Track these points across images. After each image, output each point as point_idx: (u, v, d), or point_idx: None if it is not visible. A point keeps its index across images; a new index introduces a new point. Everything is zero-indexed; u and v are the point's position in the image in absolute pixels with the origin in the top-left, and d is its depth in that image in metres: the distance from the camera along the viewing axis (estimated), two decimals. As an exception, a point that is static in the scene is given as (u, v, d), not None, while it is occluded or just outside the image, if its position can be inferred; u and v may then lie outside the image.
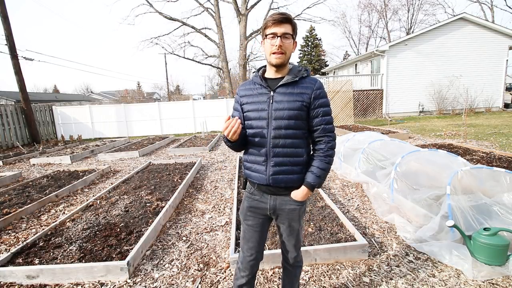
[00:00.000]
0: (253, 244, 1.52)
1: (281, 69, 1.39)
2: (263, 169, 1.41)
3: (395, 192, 3.33)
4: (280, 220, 1.49)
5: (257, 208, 1.49)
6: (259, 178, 1.43)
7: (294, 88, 1.37)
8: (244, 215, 1.54)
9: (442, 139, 7.83)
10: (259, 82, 1.42)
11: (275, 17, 1.30)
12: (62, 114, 13.17)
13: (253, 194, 1.50)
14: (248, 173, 1.49)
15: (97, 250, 2.58)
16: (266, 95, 1.39)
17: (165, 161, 6.41)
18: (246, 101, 1.45)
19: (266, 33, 1.34)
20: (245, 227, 1.55)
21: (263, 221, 1.52)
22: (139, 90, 46.66)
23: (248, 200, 1.52)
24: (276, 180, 1.39)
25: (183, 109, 13.37)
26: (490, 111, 14.58)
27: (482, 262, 2.16)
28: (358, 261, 2.39)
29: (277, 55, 1.32)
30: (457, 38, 14.10)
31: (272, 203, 1.45)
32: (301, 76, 1.39)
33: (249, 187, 1.53)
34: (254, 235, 1.52)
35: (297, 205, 1.45)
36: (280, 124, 1.36)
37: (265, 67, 1.48)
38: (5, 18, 10.28)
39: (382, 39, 34.30)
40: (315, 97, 1.38)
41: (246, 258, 1.54)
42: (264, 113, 1.38)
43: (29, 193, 4.60)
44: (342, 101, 12.43)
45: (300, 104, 1.36)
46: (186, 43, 17.30)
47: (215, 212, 3.64)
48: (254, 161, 1.44)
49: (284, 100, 1.36)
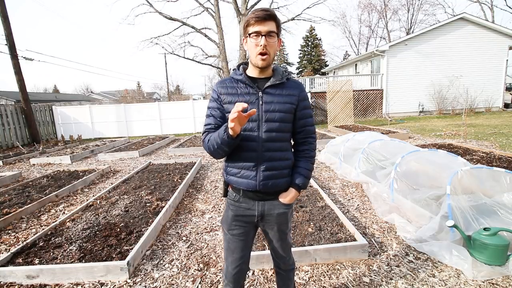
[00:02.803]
0: (238, 255, 1.43)
1: (267, 68, 1.33)
2: (252, 174, 1.31)
3: (395, 192, 3.33)
4: (269, 225, 1.42)
5: (243, 216, 1.39)
6: (247, 184, 1.32)
7: (282, 89, 1.33)
8: (228, 225, 1.42)
9: (442, 139, 7.83)
10: (244, 80, 1.31)
11: (258, 14, 1.19)
12: (62, 114, 13.17)
13: (239, 201, 1.39)
14: (232, 179, 1.36)
15: (97, 250, 2.58)
16: (254, 95, 1.30)
17: (165, 161, 6.41)
18: (229, 100, 1.31)
19: (248, 32, 1.23)
20: (229, 237, 1.43)
21: (249, 230, 1.43)
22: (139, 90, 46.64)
23: (233, 208, 1.40)
24: (267, 185, 1.31)
25: (183, 109, 13.37)
26: (490, 111, 14.58)
27: (482, 262, 2.16)
28: (358, 261, 2.39)
29: (263, 56, 1.23)
30: (457, 38, 14.11)
31: (261, 209, 1.37)
32: (286, 78, 1.35)
33: (233, 194, 1.40)
34: (239, 245, 1.42)
35: (286, 208, 1.40)
36: (272, 127, 1.29)
37: (244, 64, 1.39)
38: (5, 18, 10.28)
39: (382, 39, 34.33)
40: (301, 99, 1.36)
41: (231, 271, 1.45)
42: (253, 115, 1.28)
43: (29, 193, 4.59)
44: (342, 101, 12.43)
45: (289, 106, 1.32)
46: (186, 43, 17.31)
47: (215, 212, 3.64)
48: (242, 166, 1.32)
49: (275, 102, 1.30)
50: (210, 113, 1.36)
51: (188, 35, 17.57)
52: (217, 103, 1.34)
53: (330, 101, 12.48)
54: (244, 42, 1.31)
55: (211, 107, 1.36)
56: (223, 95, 1.33)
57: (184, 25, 16.71)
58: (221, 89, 1.33)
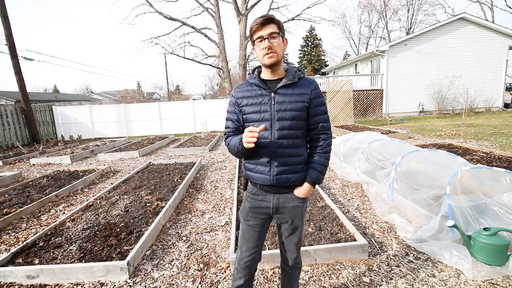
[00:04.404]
0: (252, 244, 1.53)
1: (276, 69, 1.41)
2: (266, 170, 1.42)
3: (395, 192, 3.33)
4: (283, 218, 1.50)
5: (259, 208, 1.50)
6: (262, 179, 1.44)
7: (294, 89, 1.40)
8: (245, 215, 1.55)
9: (442, 139, 7.83)
10: (257, 83, 1.42)
11: (257, 21, 1.32)
12: (62, 114, 13.17)
13: (256, 194, 1.50)
14: (250, 174, 1.49)
15: (97, 250, 2.58)
16: (267, 97, 1.40)
17: (165, 161, 6.41)
18: (245, 103, 1.44)
19: (254, 39, 1.36)
20: (245, 227, 1.55)
21: (264, 222, 1.53)
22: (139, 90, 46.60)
23: (251, 200, 1.52)
24: (280, 180, 1.41)
25: (183, 109, 13.36)
26: (490, 111, 14.58)
27: (482, 262, 2.16)
28: (358, 261, 2.39)
29: (269, 54, 1.33)
30: (457, 38, 14.10)
31: (276, 201, 1.46)
32: (298, 77, 1.42)
33: (251, 188, 1.53)
34: (254, 235, 1.52)
35: (300, 202, 1.47)
36: (283, 125, 1.38)
37: (260, 68, 1.50)
38: (5, 18, 10.28)
39: (382, 39, 34.31)
40: (313, 96, 1.41)
41: (244, 258, 1.54)
42: (266, 115, 1.39)
43: (29, 193, 4.59)
44: (342, 101, 12.44)
45: (301, 104, 1.39)
46: (186, 43, 17.27)
47: (215, 212, 3.64)
48: (257, 162, 1.44)
49: (286, 101, 1.38)
50: (229, 117, 1.51)
51: (188, 35, 17.56)
52: (235, 107, 1.48)
53: (330, 101, 12.49)
54: (253, 51, 1.42)
55: (230, 112, 1.51)
56: (240, 99, 1.46)
57: (184, 25, 16.69)
58: (237, 93, 1.48)
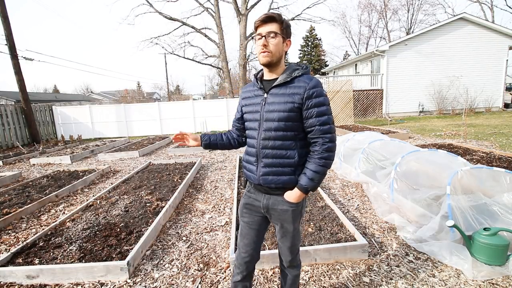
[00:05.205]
0: (248, 241, 1.53)
1: (274, 69, 1.39)
2: (254, 168, 1.45)
3: (395, 192, 3.33)
4: (273, 220, 1.50)
5: (252, 205, 1.52)
6: (251, 177, 1.48)
7: (286, 88, 1.34)
8: (240, 212, 1.58)
9: (442, 139, 7.83)
10: (256, 83, 1.46)
11: (260, 18, 1.33)
12: (62, 114, 13.16)
13: (250, 192, 1.54)
14: (244, 171, 1.56)
15: (97, 250, 2.58)
16: (260, 97, 1.42)
17: (165, 161, 6.41)
18: (245, 103, 1.51)
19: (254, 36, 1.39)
20: (241, 224, 1.58)
21: (260, 220, 1.53)
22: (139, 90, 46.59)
23: (245, 197, 1.56)
24: (266, 180, 1.41)
25: (183, 109, 13.36)
26: (490, 111, 14.58)
27: (482, 262, 2.16)
28: (358, 261, 2.39)
29: (264, 53, 1.32)
30: (457, 38, 14.10)
31: (266, 201, 1.46)
32: (295, 76, 1.34)
33: (248, 185, 1.57)
34: (250, 232, 1.53)
35: (290, 206, 1.41)
36: (270, 126, 1.37)
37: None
38: (5, 18, 10.27)
39: (382, 39, 34.31)
40: (307, 97, 1.31)
41: (241, 254, 1.55)
42: (257, 115, 1.41)
43: (29, 193, 4.59)
44: (342, 101, 12.44)
45: (291, 105, 1.31)
46: (186, 43, 17.28)
47: (215, 212, 3.64)
48: (248, 160, 1.50)
49: (275, 102, 1.35)
50: (234, 115, 1.66)
51: (188, 35, 17.57)
52: (239, 106, 1.60)
53: (330, 101, 12.47)
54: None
55: (236, 110, 1.64)
56: (243, 99, 1.55)
57: (184, 25, 16.69)
58: (242, 93, 1.57)
